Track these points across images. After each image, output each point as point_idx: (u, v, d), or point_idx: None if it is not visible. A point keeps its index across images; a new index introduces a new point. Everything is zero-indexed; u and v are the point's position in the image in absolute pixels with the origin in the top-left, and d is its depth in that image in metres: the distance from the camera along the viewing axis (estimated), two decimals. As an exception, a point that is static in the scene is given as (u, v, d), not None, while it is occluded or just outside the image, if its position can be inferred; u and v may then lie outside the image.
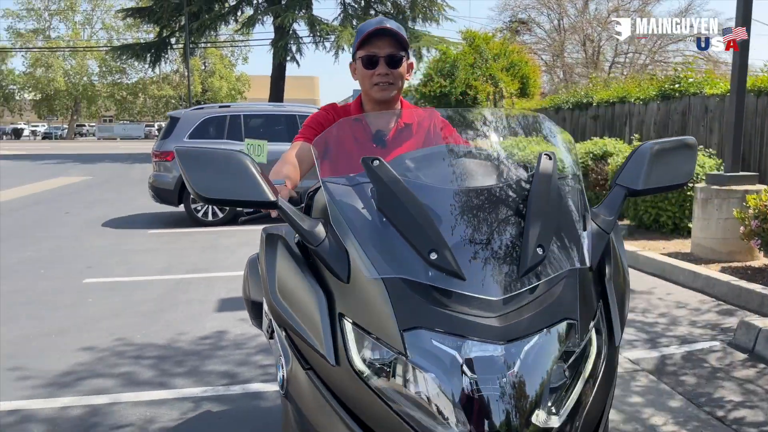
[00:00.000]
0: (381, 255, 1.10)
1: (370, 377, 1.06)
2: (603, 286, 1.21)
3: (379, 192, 1.16)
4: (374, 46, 1.93)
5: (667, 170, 1.38)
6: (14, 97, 55.48)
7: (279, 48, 24.87)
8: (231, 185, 1.22)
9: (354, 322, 1.10)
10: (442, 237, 1.07)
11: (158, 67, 33.02)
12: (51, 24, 54.84)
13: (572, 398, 1.05)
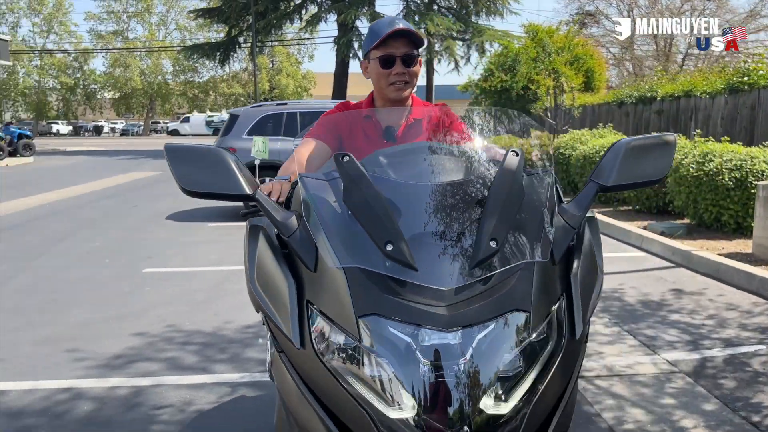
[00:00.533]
0: (343, 246, 1.16)
1: (330, 361, 1.13)
2: (568, 280, 1.23)
3: (346, 187, 1.22)
4: (391, 46, 1.98)
5: (640, 166, 1.38)
6: (95, 96, 58.56)
7: (341, 45, 25.19)
8: (211, 179, 1.31)
9: (319, 308, 1.16)
10: (399, 229, 1.12)
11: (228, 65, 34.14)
12: (129, 26, 57.48)
13: (524, 387, 1.08)
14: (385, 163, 1.36)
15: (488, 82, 17.87)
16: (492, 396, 1.05)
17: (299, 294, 1.20)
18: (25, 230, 7.93)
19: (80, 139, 50.72)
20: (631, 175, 1.37)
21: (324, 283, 1.17)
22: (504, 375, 1.06)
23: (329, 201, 1.26)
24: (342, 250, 1.16)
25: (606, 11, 29.42)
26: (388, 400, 1.06)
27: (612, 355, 3.53)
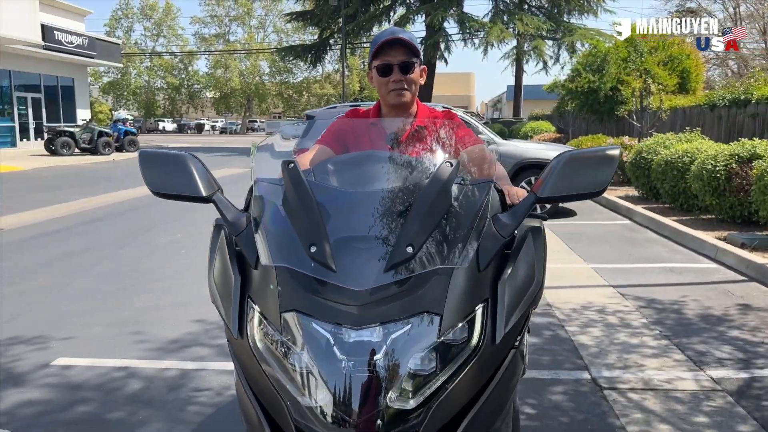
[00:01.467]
0: (277, 246, 1.26)
1: (260, 351, 1.22)
2: (495, 287, 1.26)
3: (285, 191, 1.31)
4: (388, 55, 2.06)
5: (578, 179, 1.39)
6: (198, 96, 61.96)
7: (428, 46, 25.27)
8: (174, 182, 1.44)
9: (254, 301, 1.27)
10: (324, 232, 1.20)
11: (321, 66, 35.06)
12: (230, 29, 60.32)
13: (432, 385, 1.13)
14: (331, 170, 1.44)
15: (575, 82, 17.35)
16: (398, 392, 1.11)
17: (243, 288, 1.31)
18: (119, 220, 8.59)
19: (183, 136, 53.80)
20: (568, 187, 1.38)
21: (260, 280, 1.27)
22: (416, 373, 1.12)
23: (275, 204, 1.35)
24: (275, 249, 1.26)
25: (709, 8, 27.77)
26: (304, 390, 1.14)
27: (652, 369, 3.42)
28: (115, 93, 58.36)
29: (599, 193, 1.40)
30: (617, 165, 1.40)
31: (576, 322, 4.26)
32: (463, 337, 1.17)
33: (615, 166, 1.39)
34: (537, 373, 3.40)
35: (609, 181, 1.38)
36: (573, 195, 1.38)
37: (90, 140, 21.24)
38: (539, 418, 2.91)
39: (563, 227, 8.18)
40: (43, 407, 2.98)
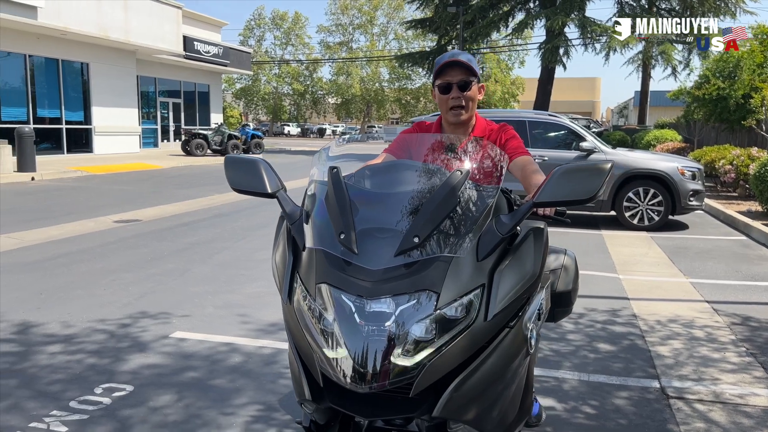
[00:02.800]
0: (318, 233, 1.56)
1: (301, 314, 1.53)
2: (492, 275, 1.49)
3: (328, 191, 1.61)
4: (448, 75, 2.32)
5: (570, 187, 1.56)
6: (321, 101, 64.65)
7: (547, 51, 24.87)
8: (248, 181, 1.79)
9: (300, 276, 1.57)
10: (352, 224, 1.48)
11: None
12: (353, 37, 62.40)
13: (429, 349, 1.38)
14: (367, 175, 1.72)
15: (702, 89, 16.43)
16: (402, 352, 1.37)
17: (294, 266, 1.63)
18: (240, 216, 9.41)
19: (305, 139, 56.38)
20: (561, 194, 1.57)
21: (305, 259, 1.58)
22: (417, 339, 1.37)
23: (320, 200, 1.66)
24: (317, 236, 1.56)
25: None
26: (330, 345, 1.43)
27: (727, 383, 3.40)
28: (246, 98, 62.32)
29: (588, 200, 1.58)
30: (607, 177, 1.58)
31: (658, 333, 4.25)
32: (459, 313, 1.41)
33: (604, 178, 1.57)
34: (605, 378, 3.49)
35: (597, 189, 1.55)
36: (565, 201, 1.58)
37: (220, 142, 23.00)
38: (597, 418, 3.03)
39: (670, 240, 7.93)
40: (160, 371, 3.51)
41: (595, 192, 1.54)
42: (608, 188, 8.73)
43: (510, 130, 2.44)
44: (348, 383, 1.37)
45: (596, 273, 6.02)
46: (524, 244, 1.59)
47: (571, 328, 4.37)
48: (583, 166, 1.60)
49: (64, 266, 6.04)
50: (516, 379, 1.62)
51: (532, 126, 9.22)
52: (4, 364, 3.55)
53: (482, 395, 1.46)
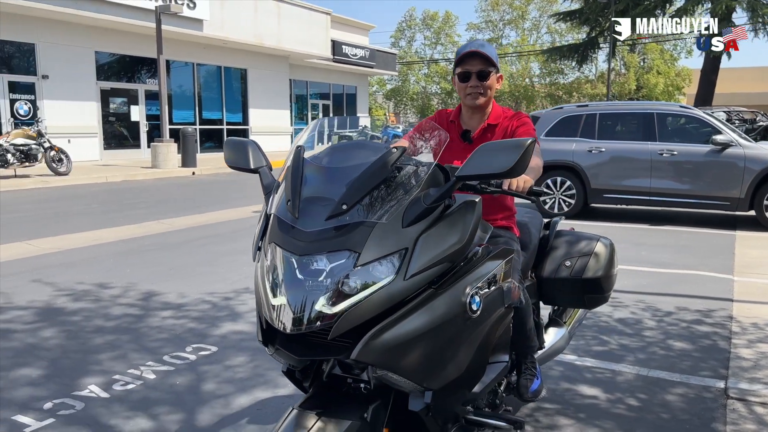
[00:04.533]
0: (276, 202, 1.79)
1: (260, 269, 1.76)
2: (417, 239, 1.64)
3: (290, 166, 1.84)
4: (468, 64, 2.46)
5: (489, 162, 1.64)
6: (469, 99, 64.46)
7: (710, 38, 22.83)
8: (238, 159, 2.05)
9: (265, 237, 1.82)
10: (298, 193, 1.70)
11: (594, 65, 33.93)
12: (504, 32, 61.53)
13: (349, 301, 1.55)
14: (330, 152, 1.91)
15: None
16: (327, 301, 1.57)
17: (264, 230, 1.89)
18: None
19: (452, 137, 56.55)
20: (481, 168, 1.65)
21: (270, 223, 1.84)
22: (340, 291, 1.55)
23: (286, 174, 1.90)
24: (275, 203, 1.81)
25: None
26: (274, 295, 1.66)
27: (804, 390, 3.14)
28: (396, 99, 64.01)
29: (507, 175, 1.66)
30: (524, 152, 1.65)
31: (749, 336, 3.97)
32: (378, 272, 1.59)
33: (520, 153, 1.64)
34: (666, 375, 3.38)
35: (513, 163, 1.63)
36: (485, 174, 1.68)
37: (363, 142, 24.03)
38: (639, 411, 2.98)
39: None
40: (244, 336, 3.99)
41: (511, 166, 1.63)
42: (746, 185, 8.01)
43: (523, 118, 2.53)
44: (283, 327, 1.62)
45: (705, 273, 5.65)
46: (453, 215, 1.73)
47: (650, 325, 4.21)
48: (505, 142, 1.70)
49: (199, 247, 6.88)
50: (459, 341, 1.76)
51: (660, 119, 8.70)
52: (124, 323, 4.23)
53: (407, 347, 1.62)
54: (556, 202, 9.14)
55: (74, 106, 16.97)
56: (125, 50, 18.41)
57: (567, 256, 2.78)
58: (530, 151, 1.67)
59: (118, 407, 2.99)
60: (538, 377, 2.42)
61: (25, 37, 15.87)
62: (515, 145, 1.66)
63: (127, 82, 19.01)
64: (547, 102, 59.57)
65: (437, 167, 1.75)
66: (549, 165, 9.11)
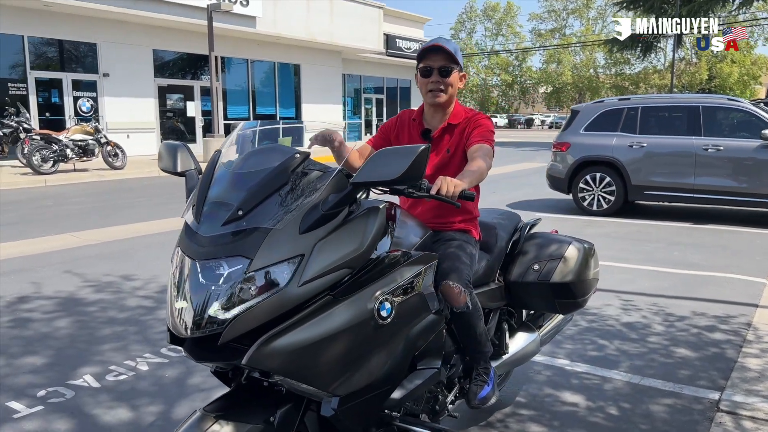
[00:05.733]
0: (188, 205, 1.82)
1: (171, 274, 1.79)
2: (314, 245, 1.63)
3: (204, 170, 1.86)
4: (429, 59, 2.42)
5: (381, 169, 1.60)
6: (529, 91, 63.26)
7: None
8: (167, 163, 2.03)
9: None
10: (203, 198, 1.70)
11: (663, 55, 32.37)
12: (567, 22, 59.92)
13: (241, 306, 1.56)
14: (245, 157, 1.90)
15: None
16: (220, 306, 1.58)
17: None
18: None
19: (511, 131, 55.73)
20: (374, 174, 1.61)
21: None
22: (233, 297, 1.56)
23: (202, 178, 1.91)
24: (188, 208, 1.83)
25: None
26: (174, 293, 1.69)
27: (804, 405, 2.94)
28: (454, 91, 63.42)
29: (397, 182, 1.62)
30: (415, 158, 1.60)
31: (762, 345, 3.75)
32: (271, 277, 1.60)
33: (411, 160, 1.59)
34: (659, 383, 3.25)
35: (402, 170, 1.59)
36: (378, 182, 1.64)
37: (415, 135, 23.99)
38: (617, 420, 2.88)
39: None
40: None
41: (401, 173, 1.60)
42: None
43: (481, 119, 2.47)
44: (183, 330, 1.65)
45: (736, 276, 5.37)
46: (354, 222, 1.71)
47: (658, 330, 4.05)
48: (400, 147, 1.67)
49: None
50: (368, 348, 1.75)
51: (706, 112, 8.27)
52: (135, 315, 4.41)
53: (304, 353, 1.62)
54: (594, 199, 8.87)
55: (133, 103, 17.70)
56: (181, 48, 19.03)
57: (536, 259, 2.71)
58: (422, 158, 1.64)
59: (104, 397, 3.13)
60: (489, 384, 2.37)
61: (88, 37, 16.65)
62: (407, 152, 1.63)
63: (183, 79, 19.67)
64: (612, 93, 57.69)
65: (342, 173, 1.74)
66: (588, 160, 8.86)
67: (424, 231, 2.21)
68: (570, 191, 9.12)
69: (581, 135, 8.96)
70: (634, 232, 7.54)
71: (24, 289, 4.99)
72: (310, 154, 1.80)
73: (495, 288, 2.65)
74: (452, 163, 2.45)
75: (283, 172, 1.71)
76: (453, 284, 2.19)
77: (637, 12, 32.13)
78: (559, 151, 9.18)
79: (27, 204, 9.78)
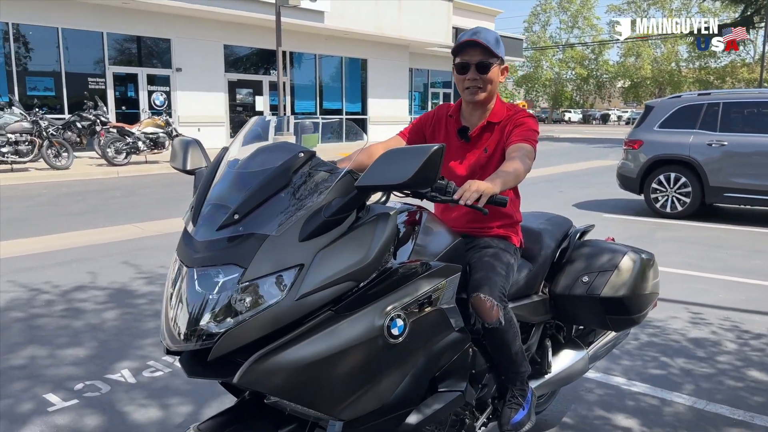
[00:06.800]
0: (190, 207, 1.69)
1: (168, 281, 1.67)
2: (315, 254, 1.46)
3: (208, 169, 1.73)
4: (466, 54, 2.21)
5: (387, 171, 1.42)
6: (605, 86, 60.97)
7: None
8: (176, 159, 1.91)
9: None
10: (203, 199, 1.57)
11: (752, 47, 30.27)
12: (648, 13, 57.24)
13: (232, 320, 1.42)
14: (252, 154, 1.75)
15: None
16: (211, 318, 1.44)
17: None
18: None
19: (585, 126, 53.90)
20: (380, 178, 1.43)
21: None
22: (224, 309, 1.42)
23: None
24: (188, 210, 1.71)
25: None
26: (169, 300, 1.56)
27: None
28: (527, 85, 61.99)
29: (403, 187, 1.43)
30: (426, 159, 1.41)
31: None
32: (269, 289, 1.45)
33: (421, 162, 1.40)
34: (726, 410, 2.92)
35: (411, 173, 1.40)
36: (383, 186, 1.46)
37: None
38: (676, 451, 2.59)
39: None
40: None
41: (410, 176, 1.42)
42: None
43: (523, 117, 2.24)
44: (167, 342, 1.53)
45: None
46: (360, 230, 1.53)
47: (729, 349, 3.68)
48: (409, 147, 1.48)
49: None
50: (378, 369, 1.58)
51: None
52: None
53: (302, 373, 1.46)
54: (668, 200, 8.33)
55: (204, 97, 18.17)
56: (251, 43, 19.37)
57: (585, 270, 2.46)
58: (435, 160, 1.45)
59: (138, 394, 3.10)
60: (525, 407, 2.15)
61: (162, 33, 17.20)
62: (418, 152, 1.45)
63: (252, 74, 20.03)
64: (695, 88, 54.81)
65: (350, 175, 1.57)
66: (662, 159, 8.32)
67: (452, 238, 2.00)
68: (642, 191, 8.60)
69: (655, 132, 8.43)
70: (711, 238, 7.00)
71: (81, 279, 5.11)
72: (315, 153, 1.64)
73: (538, 301, 2.42)
74: (490, 164, 2.24)
75: (284, 173, 1.56)
76: (485, 297, 1.99)
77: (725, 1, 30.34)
78: (631, 149, 8.67)
79: (98, 194, 10.15)
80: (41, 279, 5.08)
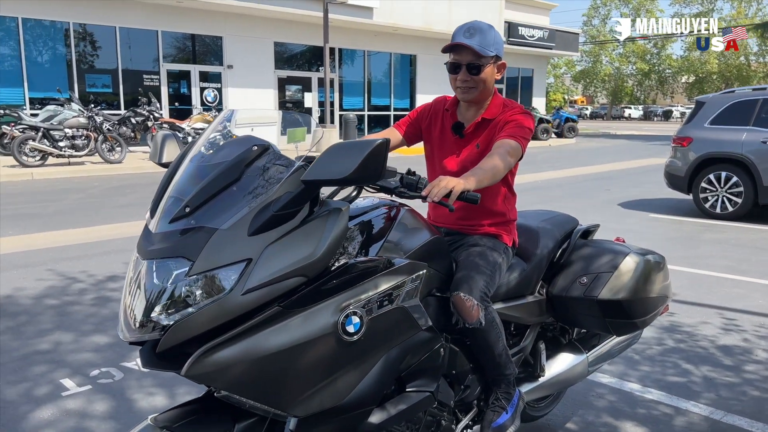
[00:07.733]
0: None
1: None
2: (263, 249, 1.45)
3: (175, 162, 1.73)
4: (458, 54, 2.15)
5: (331, 166, 1.40)
6: (668, 81, 58.76)
7: None
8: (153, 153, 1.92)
9: None
10: (161, 193, 1.59)
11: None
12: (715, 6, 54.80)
13: (180, 313, 1.42)
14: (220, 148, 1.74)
15: None
16: (161, 310, 1.44)
17: None
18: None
19: (646, 123, 52.16)
20: (324, 172, 1.40)
21: None
22: (173, 301, 1.43)
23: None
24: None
25: None
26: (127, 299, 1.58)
27: None
28: (585, 81, 60.41)
29: (347, 182, 1.39)
30: (367, 154, 1.36)
31: None
32: (217, 283, 1.44)
33: (363, 156, 1.35)
34: (744, 423, 2.77)
35: (352, 168, 1.36)
36: (327, 180, 1.42)
37: (533, 126, 23.13)
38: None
39: None
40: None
41: (351, 171, 1.38)
42: None
43: (516, 115, 2.16)
44: (124, 333, 1.55)
45: None
46: (311, 224, 1.51)
47: (760, 357, 3.48)
48: (355, 141, 1.45)
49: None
50: (334, 367, 1.55)
51: None
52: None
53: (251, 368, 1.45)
54: (718, 200, 7.97)
55: (254, 93, 18.50)
56: (300, 40, 19.59)
57: (584, 271, 2.37)
58: (377, 154, 1.41)
59: (148, 381, 3.18)
60: (508, 411, 2.09)
61: (214, 30, 17.60)
62: (361, 146, 1.42)
63: (301, 71, 20.26)
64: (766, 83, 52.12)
65: (303, 169, 1.54)
66: (712, 157, 7.96)
67: (429, 236, 1.96)
68: (690, 191, 8.25)
69: (706, 129, 8.06)
70: (760, 240, 6.65)
71: (116, 269, 5.29)
72: (270, 147, 1.63)
73: (534, 302, 2.35)
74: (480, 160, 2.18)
75: (236, 167, 1.56)
76: (465, 296, 1.94)
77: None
78: (680, 147, 8.32)
79: (147, 188, 10.48)
80: (78, 268, 5.28)
